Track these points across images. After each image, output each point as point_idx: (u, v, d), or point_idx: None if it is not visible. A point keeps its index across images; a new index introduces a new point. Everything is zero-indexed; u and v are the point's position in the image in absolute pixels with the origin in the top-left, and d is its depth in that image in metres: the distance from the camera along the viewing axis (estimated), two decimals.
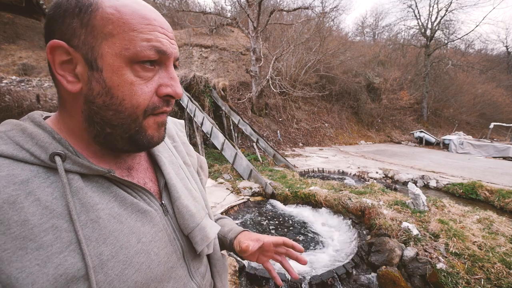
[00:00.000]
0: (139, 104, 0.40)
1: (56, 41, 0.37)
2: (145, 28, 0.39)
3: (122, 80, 0.38)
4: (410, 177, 5.94)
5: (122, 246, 0.39)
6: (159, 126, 0.45)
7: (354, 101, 15.58)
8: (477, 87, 19.13)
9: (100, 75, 0.38)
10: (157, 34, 0.40)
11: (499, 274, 2.04)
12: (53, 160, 0.37)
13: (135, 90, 0.39)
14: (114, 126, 0.41)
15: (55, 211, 0.35)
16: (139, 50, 0.38)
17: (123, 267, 0.38)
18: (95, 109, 0.39)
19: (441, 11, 18.28)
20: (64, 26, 0.38)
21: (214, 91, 8.71)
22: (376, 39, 27.04)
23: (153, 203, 0.47)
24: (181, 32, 14.56)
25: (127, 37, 0.38)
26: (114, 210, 0.41)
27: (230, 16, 11.50)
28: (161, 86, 0.42)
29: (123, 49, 0.37)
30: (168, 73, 0.43)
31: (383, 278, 2.25)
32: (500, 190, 4.68)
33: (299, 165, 7.17)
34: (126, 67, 0.38)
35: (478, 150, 10.79)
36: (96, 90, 0.38)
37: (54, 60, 0.38)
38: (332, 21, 16.79)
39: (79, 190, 0.38)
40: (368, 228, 3.03)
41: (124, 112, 0.40)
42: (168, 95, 0.43)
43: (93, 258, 0.36)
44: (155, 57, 0.40)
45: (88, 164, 0.39)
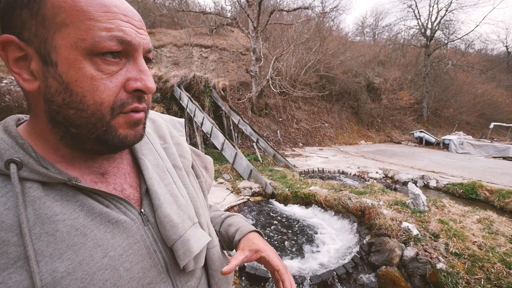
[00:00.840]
0: (103, 100, 0.36)
1: (6, 36, 0.33)
2: (103, 16, 0.34)
3: (81, 74, 0.34)
4: (410, 177, 5.94)
5: (82, 261, 0.35)
6: (132, 125, 0.40)
7: (354, 101, 15.58)
8: (477, 87, 19.12)
9: (56, 70, 0.34)
10: (118, 22, 0.35)
11: (499, 274, 2.04)
12: (8, 168, 0.34)
13: (96, 85, 0.35)
14: (78, 126, 0.36)
15: (4, 223, 0.32)
16: (98, 40, 0.34)
17: (81, 285, 0.34)
18: (56, 109, 0.36)
19: (441, 11, 18.30)
20: (14, 19, 0.34)
21: (214, 91, 8.71)
22: (376, 39, 27.04)
23: (130, 211, 0.43)
24: (181, 32, 14.57)
25: (83, 27, 0.33)
26: (78, 221, 0.37)
27: (230, 16, 11.50)
28: (129, 80, 0.38)
29: (78, 39, 0.33)
30: (137, 66, 0.38)
31: (383, 278, 2.26)
32: (500, 190, 4.68)
33: (299, 165, 7.17)
34: (84, 60, 0.34)
35: (478, 150, 10.79)
36: (53, 87, 0.35)
37: (8, 57, 0.34)
38: (332, 21, 16.79)
39: (36, 200, 0.34)
40: (368, 228, 3.03)
41: (86, 110, 0.36)
42: (137, 90, 0.38)
43: (44, 276, 0.32)
44: (118, 48, 0.35)
45: (45, 171, 0.35)
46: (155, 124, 0.58)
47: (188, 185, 0.54)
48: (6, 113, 5.74)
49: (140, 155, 0.49)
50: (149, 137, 0.53)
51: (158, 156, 0.51)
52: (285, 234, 3.12)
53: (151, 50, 0.42)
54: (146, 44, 0.40)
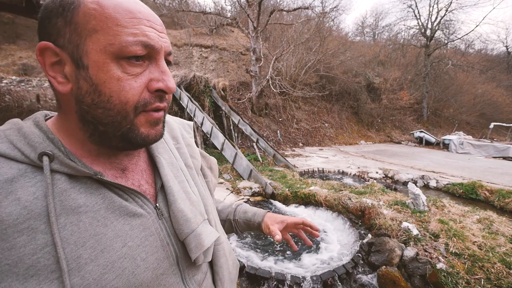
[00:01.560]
0: (128, 100, 0.39)
1: (44, 43, 0.37)
2: (129, 22, 0.37)
3: (109, 76, 0.37)
4: (410, 177, 5.94)
5: (103, 250, 0.38)
6: (152, 124, 0.43)
7: (354, 101, 15.58)
8: (477, 87, 19.13)
9: (87, 73, 0.37)
10: (143, 27, 0.38)
11: (499, 274, 2.04)
12: (41, 160, 0.37)
13: (122, 86, 0.38)
14: (105, 124, 0.40)
15: (33, 212, 0.34)
16: (125, 45, 0.37)
17: (103, 271, 0.37)
18: (86, 108, 0.39)
19: (441, 11, 18.30)
20: (50, 27, 0.37)
21: (214, 91, 8.71)
22: (376, 39, 27.04)
23: (146, 205, 0.45)
24: (181, 32, 14.57)
25: (111, 32, 0.36)
26: (100, 213, 0.39)
27: (230, 16, 11.50)
28: (152, 81, 0.41)
29: (107, 44, 0.36)
30: (158, 67, 0.41)
31: (383, 278, 2.26)
32: (500, 190, 4.68)
33: (299, 165, 7.17)
34: (112, 63, 0.37)
35: (478, 150, 10.79)
36: (84, 88, 0.38)
37: (45, 62, 0.38)
38: (332, 21, 16.79)
39: (63, 191, 0.37)
40: (368, 228, 3.03)
41: (113, 109, 0.39)
42: (159, 90, 0.41)
43: (70, 261, 0.35)
44: (142, 52, 0.38)
45: (74, 165, 0.38)
46: (168, 126, 0.62)
47: (198, 184, 0.58)
48: (6, 113, 5.74)
49: (156, 153, 0.53)
50: (164, 137, 0.56)
51: (172, 155, 0.55)
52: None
53: (171, 53, 0.45)
54: (167, 47, 0.43)
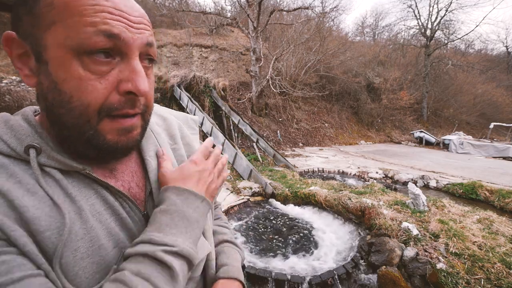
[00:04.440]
0: (89, 102, 0.34)
1: (8, 33, 0.34)
2: (89, 9, 0.32)
3: (69, 74, 0.33)
4: (410, 177, 5.94)
5: (100, 246, 0.36)
6: (122, 131, 0.38)
7: (354, 101, 15.57)
8: (477, 87, 19.12)
9: (47, 68, 0.34)
10: (106, 15, 0.33)
11: (499, 274, 2.04)
12: (27, 153, 0.35)
13: (84, 86, 0.33)
14: (69, 127, 0.36)
15: (37, 194, 0.33)
16: (83, 37, 0.32)
17: (96, 270, 0.35)
18: (49, 107, 0.36)
19: (441, 11, 18.30)
20: (15, 16, 0.35)
21: (214, 91, 8.71)
22: (376, 39, 27.03)
23: (133, 212, 0.42)
24: (181, 32, 14.56)
25: (69, 23, 0.32)
26: (95, 208, 0.38)
27: (230, 16, 11.50)
28: (121, 81, 0.35)
29: (66, 37, 0.32)
30: (129, 65, 0.36)
31: (383, 278, 2.26)
32: (500, 190, 4.68)
33: (299, 165, 7.17)
34: (72, 59, 0.33)
35: (478, 150, 10.78)
36: (45, 85, 0.34)
37: (12, 53, 0.35)
38: (332, 21, 16.80)
39: (60, 180, 0.36)
40: (368, 228, 3.02)
41: (74, 111, 0.34)
42: (129, 92, 0.36)
43: (66, 253, 0.33)
44: (106, 44, 0.33)
45: (61, 158, 0.37)
46: (166, 122, 0.57)
47: None
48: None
49: (147, 156, 0.48)
50: (158, 137, 0.52)
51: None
52: (285, 234, 3.12)
53: (152, 45, 0.39)
54: (143, 39, 0.37)
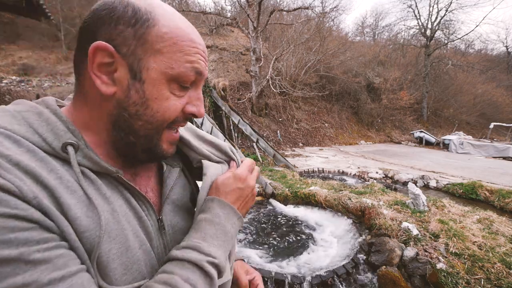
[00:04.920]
0: (170, 117, 0.42)
1: (104, 44, 0.37)
2: (191, 50, 0.41)
3: (160, 94, 0.40)
4: (410, 177, 5.94)
5: (128, 248, 0.38)
6: (172, 143, 0.46)
7: (354, 101, 15.57)
8: (477, 87, 19.13)
9: (141, 86, 0.39)
10: (199, 56, 0.42)
11: (499, 274, 2.04)
12: (65, 151, 0.36)
13: (170, 105, 0.41)
14: (140, 136, 0.42)
15: (76, 193, 0.35)
16: (183, 71, 0.40)
17: (124, 272, 0.37)
18: (126, 116, 0.40)
19: (441, 11, 18.32)
20: (114, 32, 0.38)
21: (214, 91, 8.71)
22: (376, 39, 27.04)
23: (150, 216, 0.45)
24: None
25: (174, 57, 0.39)
26: (123, 209, 0.40)
27: (230, 16, 11.51)
28: (188, 104, 0.44)
29: (168, 67, 0.39)
30: (197, 93, 0.45)
31: (383, 278, 2.26)
32: (500, 190, 4.68)
33: (299, 165, 7.17)
34: (165, 83, 0.40)
35: (478, 150, 10.79)
36: (133, 99, 0.39)
37: (94, 60, 0.38)
38: (332, 21, 16.81)
39: (95, 180, 0.38)
40: (368, 228, 3.02)
41: (153, 123, 0.41)
42: (192, 114, 0.45)
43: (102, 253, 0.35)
44: (194, 78, 0.42)
45: (98, 160, 0.38)
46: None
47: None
48: None
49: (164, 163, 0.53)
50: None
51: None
52: (285, 233, 3.12)
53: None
54: (206, 75, 0.46)
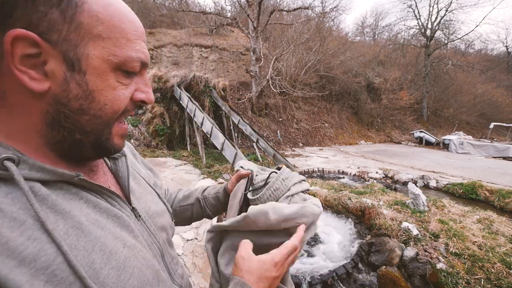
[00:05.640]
0: (120, 108, 0.39)
1: (23, 31, 0.30)
2: (133, 35, 0.38)
3: (106, 85, 0.36)
4: (410, 177, 5.94)
5: (111, 251, 0.36)
6: (122, 136, 0.44)
7: (354, 101, 15.57)
8: (477, 87, 19.12)
9: (83, 77, 0.34)
10: (141, 43, 0.39)
11: (499, 274, 2.04)
12: (3, 167, 0.30)
13: (118, 95, 0.38)
14: (86, 132, 0.37)
15: (26, 223, 0.29)
16: (128, 60, 0.37)
17: (118, 273, 0.35)
18: (67, 113, 0.35)
19: (441, 11, 18.31)
20: (35, 15, 0.31)
21: (214, 91, 8.71)
22: (376, 39, 27.04)
23: (124, 208, 0.44)
24: (181, 32, 14.55)
25: (117, 44, 0.36)
26: (91, 217, 0.37)
27: (230, 16, 11.51)
28: (136, 91, 0.41)
29: (111, 55, 0.36)
30: (143, 79, 0.42)
31: (383, 278, 2.26)
32: (500, 190, 4.68)
33: (299, 165, 7.17)
34: (110, 72, 0.36)
35: (478, 150, 10.78)
36: (74, 92, 0.34)
37: (14, 53, 0.31)
38: (332, 21, 16.81)
39: (47, 197, 0.33)
40: (368, 228, 3.02)
41: (102, 118, 0.37)
42: (141, 101, 0.42)
43: (86, 269, 0.32)
44: (139, 69, 0.40)
45: (50, 167, 0.34)
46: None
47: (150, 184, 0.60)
48: None
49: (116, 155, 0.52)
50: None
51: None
52: None
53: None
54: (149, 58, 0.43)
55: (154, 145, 7.73)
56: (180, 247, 2.71)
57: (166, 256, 0.50)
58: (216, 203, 0.76)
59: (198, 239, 2.89)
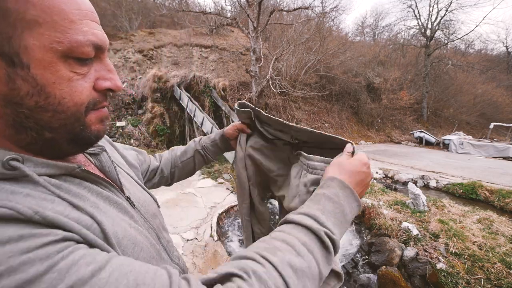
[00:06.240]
0: (82, 101, 0.35)
1: None
2: (77, 15, 0.33)
3: (58, 76, 0.32)
4: (410, 177, 5.94)
5: (124, 228, 0.39)
6: (102, 120, 0.41)
7: (354, 101, 15.57)
8: (477, 87, 19.11)
9: (27, 72, 0.31)
10: (90, 23, 0.34)
11: (499, 274, 2.04)
12: (10, 167, 0.30)
13: (75, 87, 0.34)
14: (55, 128, 0.35)
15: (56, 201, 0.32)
16: (75, 45, 0.32)
17: (133, 245, 0.38)
18: (26, 112, 0.32)
19: (441, 11, 18.29)
20: None
21: (214, 91, 8.71)
22: (376, 39, 27.03)
23: (121, 198, 0.45)
24: (181, 32, 14.56)
25: (58, 28, 0.31)
26: (100, 202, 0.39)
27: (230, 16, 11.50)
28: (98, 79, 0.37)
29: (54, 42, 0.31)
30: (104, 65, 0.38)
31: (383, 278, 2.26)
32: (500, 190, 4.67)
33: None
34: (59, 62, 0.32)
35: (478, 150, 10.78)
36: (24, 90, 0.31)
37: None
38: (332, 21, 16.80)
39: (60, 185, 0.35)
40: (368, 228, 3.02)
41: (65, 112, 0.34)
42: (108, 89, 0.39)
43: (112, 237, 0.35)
44: (92, 54, 0.35)
45: (53, 162, 0.35)
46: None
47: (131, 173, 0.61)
48: None
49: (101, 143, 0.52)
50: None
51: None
52: None
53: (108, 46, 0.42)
54: (108, 42, 0.39)
55: (154, 145, 7.74)
56: (180, 247, 2.71)
57: (162, 240, 0.51)
58: (215, 149, 0.84)
59: (198, 239, 2.89)
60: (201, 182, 5.01)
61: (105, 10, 13.45)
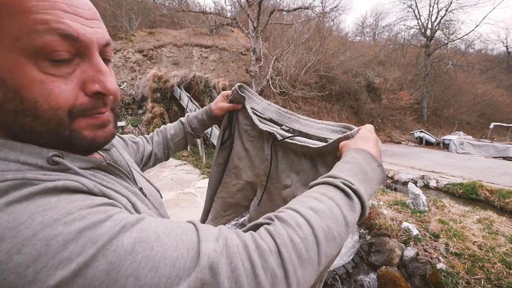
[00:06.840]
0: (60, 105, 0.31)
1: None
2: (38, 5, 0.28)
3: (28, 78, 0.29)
4: (410, 177, 5.94)
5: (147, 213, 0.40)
6: (98, 126, 0.36)
7: (354, 101, 15.58)
8: (477, 87, 19.11)
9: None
10: (58, 13, 0.29)
11: (499, 274, 2.04)
12: (53, 162, 0.32)
13: (50, 89, 0.30)
14: (41, 133, 0.32)
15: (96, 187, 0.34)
16: (35, 37, 0.28)
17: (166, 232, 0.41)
18: (10, 117, 0.31)
19: (441, 11, 18.29)
20: None
21: (214, 91, 8.71)
22: (376, 39, 27.04)
23: (136, 188, 0.47)
24: (181, 32, 14.57)
25: (14, 23, 0.27)
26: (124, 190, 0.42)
27: (230, 16, 11.50)
28: (86, 82, 0.33)
29: (14, 39, 0.27)
30: (92, 65, 0.33)
31: (383, 278, 2.26)
32: (500, 190, 4.68)
33: None
34: (28, 63, 0.29)
35: (478, 150, 10.78)
36: (0, 95, 0.29)
37: None
38: (332, 21, 16.80)
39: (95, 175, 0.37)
40: (368, 228, 3.02)
41: (42, 117, 0.31)
42: (97, 93, 0.34)
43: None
44: (63, 47, 0.30)
45: (86, 158, 0.37)
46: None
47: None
48: None
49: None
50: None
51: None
52: None
53: (109, 44, 0.37)
54: (101, 39, 0.34)
55: None
56: None
57: None
58: (203, 127, 0.89)
59: None
60: (201, 182, 5.01)
61: (105, 10, 13.45)
